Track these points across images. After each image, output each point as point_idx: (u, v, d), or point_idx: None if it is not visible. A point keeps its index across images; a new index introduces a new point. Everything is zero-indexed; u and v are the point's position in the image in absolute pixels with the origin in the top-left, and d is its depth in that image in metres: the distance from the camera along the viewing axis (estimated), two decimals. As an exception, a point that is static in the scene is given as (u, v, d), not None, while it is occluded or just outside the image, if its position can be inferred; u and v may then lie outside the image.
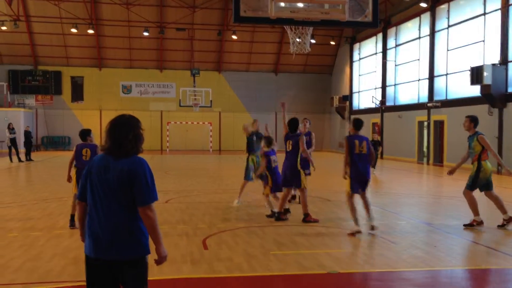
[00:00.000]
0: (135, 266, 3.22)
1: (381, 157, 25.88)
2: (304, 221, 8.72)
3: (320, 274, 5.82)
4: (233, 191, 12.16)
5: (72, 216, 8.08)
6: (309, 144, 10.54)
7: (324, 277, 5.74)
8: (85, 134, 8.40)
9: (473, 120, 8.28)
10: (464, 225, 8.46)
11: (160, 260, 3.29)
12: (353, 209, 7.91)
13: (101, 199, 3.20)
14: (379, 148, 18.60)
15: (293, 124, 8.99)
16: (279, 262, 6.25)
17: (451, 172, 8.71)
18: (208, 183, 15.19)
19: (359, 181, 7.92)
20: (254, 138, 10.46)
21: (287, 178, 8.88)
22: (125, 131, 3.25)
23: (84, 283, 3.32)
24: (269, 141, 9.37)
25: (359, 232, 7.77)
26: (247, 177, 10.48)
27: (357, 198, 8.13)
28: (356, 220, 7.85)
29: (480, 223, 8.34)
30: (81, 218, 3.41)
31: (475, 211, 8.36)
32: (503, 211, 8.33)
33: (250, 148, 10.55)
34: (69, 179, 8.43)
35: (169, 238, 7.28)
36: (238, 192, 10.64)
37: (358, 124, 8.05)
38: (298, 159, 8.81)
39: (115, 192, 3.18)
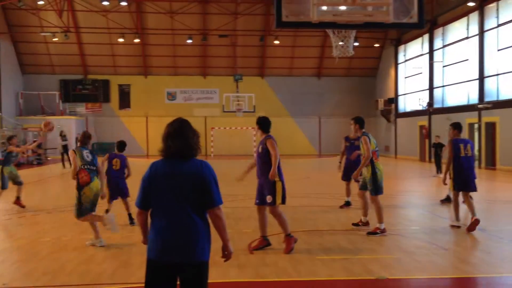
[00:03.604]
0: (202, 268, 3.29)
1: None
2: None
3: (368, 280, 5.73)
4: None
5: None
6: (358, 148, 10.23)
7: (373, 283, 5.64)
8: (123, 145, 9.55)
9: (358, 122, 8.46)
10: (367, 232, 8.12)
11: (229, 256, 3.44)
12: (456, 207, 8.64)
13: (172, 204, 3.25)
14: (443, 150, 18.14)
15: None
16: (326, 267, 6.19)
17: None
18: (253, 187, 15.17)
19: (464, 182, 8.44)
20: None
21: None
22: (191, 132, 3.36)
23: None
24: None
25: (458, 227, 8.50)
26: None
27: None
28: (457, 216, 8.61)
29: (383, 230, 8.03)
30: (143, 225, 3.45)
31: (381, 217, 8.00)
32: (365, 214, 8.64)
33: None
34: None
35: (216, 243, 7.33)
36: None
37: (460, 127, 8.68)
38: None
39: (187, 196, 3.25)
